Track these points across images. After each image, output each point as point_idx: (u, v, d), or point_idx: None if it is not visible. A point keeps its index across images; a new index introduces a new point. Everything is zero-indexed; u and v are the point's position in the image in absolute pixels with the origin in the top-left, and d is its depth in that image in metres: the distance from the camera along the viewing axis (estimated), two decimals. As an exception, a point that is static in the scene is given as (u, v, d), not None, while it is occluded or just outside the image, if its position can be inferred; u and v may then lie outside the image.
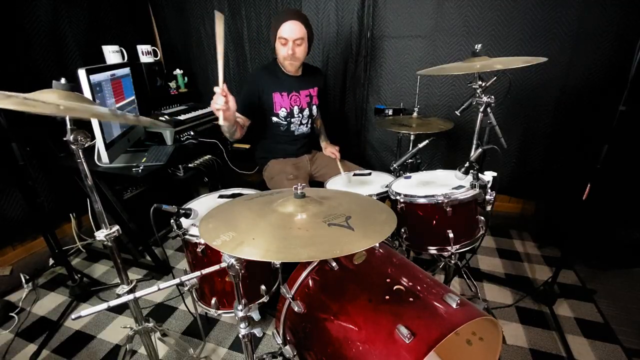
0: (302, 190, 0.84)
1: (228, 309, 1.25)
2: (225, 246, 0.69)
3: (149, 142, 1.96)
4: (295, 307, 0.94)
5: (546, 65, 1.68)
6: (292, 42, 1.53)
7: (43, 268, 1.88)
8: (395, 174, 1.53)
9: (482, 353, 0.97)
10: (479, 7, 1.84)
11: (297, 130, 1.79)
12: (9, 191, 1.71)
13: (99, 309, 0.62)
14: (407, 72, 2.10)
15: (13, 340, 1.47)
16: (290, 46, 1.53)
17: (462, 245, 1.27)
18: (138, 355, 1.38)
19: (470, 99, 1.33)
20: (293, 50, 1.55)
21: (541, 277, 1.80)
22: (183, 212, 1.14)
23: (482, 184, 1.21)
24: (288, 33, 1.51)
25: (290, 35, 1.51)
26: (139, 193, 2.05)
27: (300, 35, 1.53)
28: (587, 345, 1.39)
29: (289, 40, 1.52)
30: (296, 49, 1.55)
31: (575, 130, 1.89)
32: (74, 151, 0.85)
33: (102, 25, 2.06)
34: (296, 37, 1.52)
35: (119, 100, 1.68)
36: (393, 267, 0.98)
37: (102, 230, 0.95)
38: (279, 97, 1.68)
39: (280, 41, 1.54)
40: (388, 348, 0.74)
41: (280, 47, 1.56)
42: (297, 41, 1.54)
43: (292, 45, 1.54)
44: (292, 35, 1.51)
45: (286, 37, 1.51)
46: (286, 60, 1.59)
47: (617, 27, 1.65)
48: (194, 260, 1.24)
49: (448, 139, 2.18)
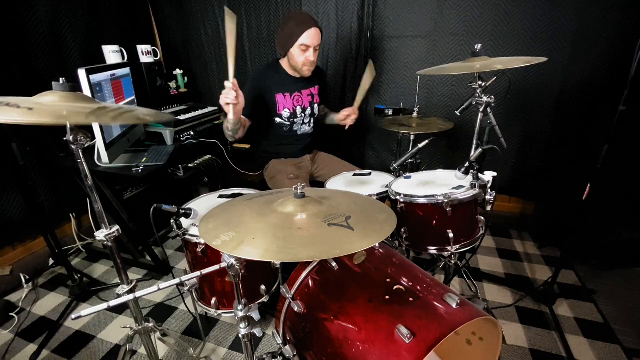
0: (302, 190, 0.84)
1: (228, 309, 1.25)
2: (225, 246, 0.69)
3: (149, 142, 1.96)
4: (295, 307, 0.94)
5: (546, 65, 1.69)
6: (313, 48, 1.56)
7: (43, 268, 1.88)
8: (395, 174, 1.53)
9: (482, 353, 0.97)
10: (479, 7, 1.84)
11: (300, 130, 1.79)
12: (9, 191, 1.71)
13: (99, 309, 0.62)
14: (407, 72, 2.10)
15: (13, 340, 1.47)
16: (312, 53, 1.57)
17: (462, 245, 1.27)
18: (138, 355, 1.38)
19: (470, 99, 1.33)
20: (314, 57, 1.59)
21: (541, 277, 1.80)
22: (183, 212, 1.14)
23: (482, 184, 1.21)
24: (311, 41, 1.53)
25: (312, 43, 1.54)
26: (139, 193, 2.05)
27: (320, 42, 1.57)
28: (587, 345, 1.39)
29: (310, 47, 1.55)
30: (315, 55, 1.59)
31: (575, 130, 1.89)
32: (74, 151, 0.84)
33: (102, 25, 2.06)
34: (317, 44, 1.56)
35: (119, 100, 1.68)
36: (393, 267, 0.98)
37: (102, 230, 0.95)
38: (282, 98, 1.68)
39: (301, 48, 1.55)
40: (388, 348, 0.74)
41: (300, 53, 1.57)
42: (317, 47, 1.58)
43: (313, 52, 1.57)
44: (314, 42, 1.54)
45: (309, 44, 1.54)
46: (305, 67, 1.61)
47: (617, 27, 1.65)
48: (194, 260, 1.24)
49: (448, 139, 2.18)
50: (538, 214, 2.18)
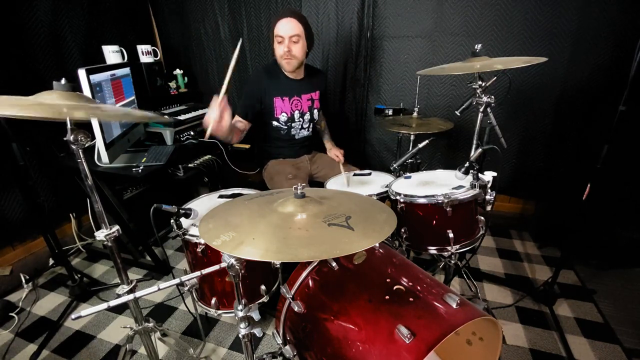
0: (302, 190, 0.84)
1: (228, 309, 1.25)
2: (225, 246, 0.69)
3: (149, 142, 1.96)
4: (295, 307, 0.94)
5: (546, 65, 1.68)
6: (288, 39, 1.51)
7: (43, 268, 1.88)
8: (395, 174, 1.53)
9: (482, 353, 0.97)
10: (479, 7, 1.84)
11: (298, 135, 1.78)
12: (9, 191, 1.71)
13: (99, 309, 0.62)
14: (407, 72, 2.10)
15: (13, 340, 1.47)
16: (286, 43, 1.52)
17: (462, 245, 1.27)
18: (138, 355, 1.38)
19: (470, 99, 1.33)
20: (289, 48, 1.53)
21: (541, 277, 1.80)
22: (183, 212, 1.14)
23: (482, 184, 1.22)
24: (283, 30, 1.50)
25: (285, 33, 1.50)
26: (139, 193, 2.05)
27: (295, 32, 1.51)
28: (587, 345, 1.39)
29: (284, 38, 1.51)
30: (292, 47, 1.53)
31: (575, 130, 1.89)
32: (74, 151, 0.84)
33: (102, 25, 2.05)
34: (292, 34, 1.51)
35: (119, 100, 1.68)
36: (393, 267, 0.98)
37: (102, 230, 0.95)
38: (280, 102, 1.67)
39: (277, 39, 1.53)
40: (388, 348, 0.74)
41: (277, 46, 1.56)
42: (293, 38, 1.52)
43: (288, 43, 1.52)
44: (287, 32, 1.50)
45: (282, 34, 1.51)
46: (283, 59, 1.57)
47: (617, 27, 1.65)
48: (194, 260, 1.24)
49: (448, 139, 2.18)
50: (538, 214, 2.18)
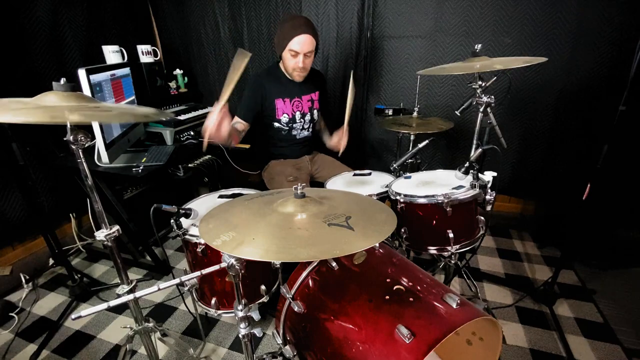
0: (302, 190, 0.84)
1: (228, 309, 1.25)
2: (225, 246, 0.69)
3: (149, 142, 1.96)
4: (295, 307, 0.94)
5: (546, 65, 1.69)
6: (303, 55, 1.52)
7: (43, 268, 1.88)
8: (395, 174, 1.53)
9: (482, 353, 0.97)
10: (479, 7, 1.84)
11: (299, 135, 1.79)
12: (9, 191, 1.71)
13: (99, 309, 0.62)
14: (407, 72, 2.10)
15: (13, 340, 1.47)
16: (301, 59, 1.53)
17: (462, 245, 1.27)
18: (138, 355, 1.38)
19: (470, 99, 1.33)
20: (303, 63, 1.54)
21: (541, 277, 1.80)
22: (183, 212, 1.14)
23: (482, 184, 1.22)
24: (300, 47, 1.49)
25: (302, 49, 1.50)
26: (139, 193, 2.05)
27: (311, 49, 1.52)
28: (587, 345, 1.39)
29: (300, 54, 1.51)
30: (306, 61, 1.55)
31: (575, 130, 1.89)
32: (74, 151, 0.84)
33: (102, 25, 2.05)
34: (307, 50, 1.51)
35: (119, 100, 1.68)
36: (393, 267, 0.98)
37: (102, 230, 0.95)
38: (281, 103, 1.67)
39: (290, 52, 1.52)
40: (388, 348, 0.74)
41: (290, 58, 1.55)
42: (308, 54, 1.53)
43: (303, 58, 1.53)
44: (304, 49, 1.50)
45: (298, 50, 1.50)
46: (295, 72, 1.58)
47: (617, 27, 1.65)
48: (194, 260, 1.24)
49: (448, 139, 2.18)
50: (538, 214, 2.18)
